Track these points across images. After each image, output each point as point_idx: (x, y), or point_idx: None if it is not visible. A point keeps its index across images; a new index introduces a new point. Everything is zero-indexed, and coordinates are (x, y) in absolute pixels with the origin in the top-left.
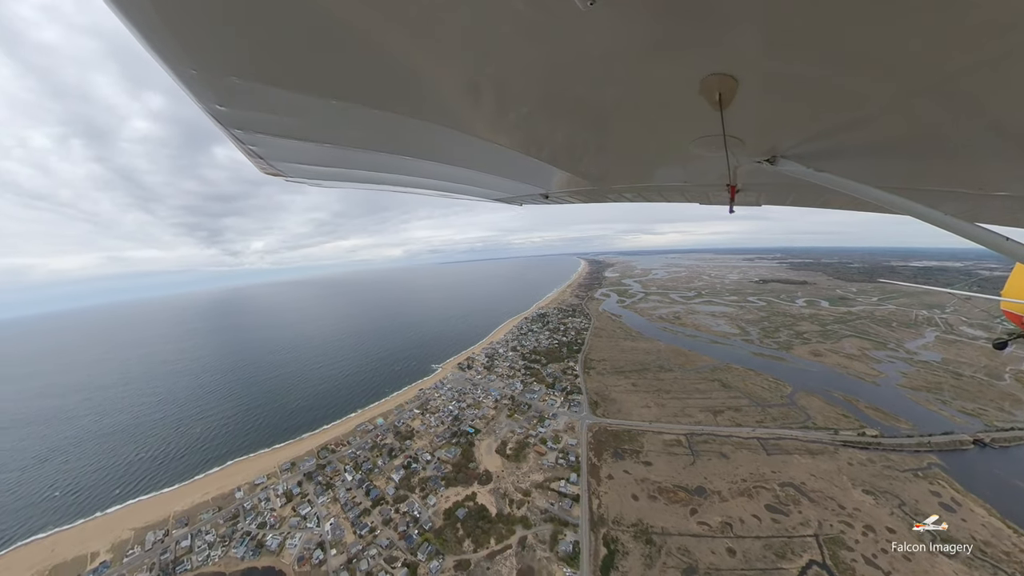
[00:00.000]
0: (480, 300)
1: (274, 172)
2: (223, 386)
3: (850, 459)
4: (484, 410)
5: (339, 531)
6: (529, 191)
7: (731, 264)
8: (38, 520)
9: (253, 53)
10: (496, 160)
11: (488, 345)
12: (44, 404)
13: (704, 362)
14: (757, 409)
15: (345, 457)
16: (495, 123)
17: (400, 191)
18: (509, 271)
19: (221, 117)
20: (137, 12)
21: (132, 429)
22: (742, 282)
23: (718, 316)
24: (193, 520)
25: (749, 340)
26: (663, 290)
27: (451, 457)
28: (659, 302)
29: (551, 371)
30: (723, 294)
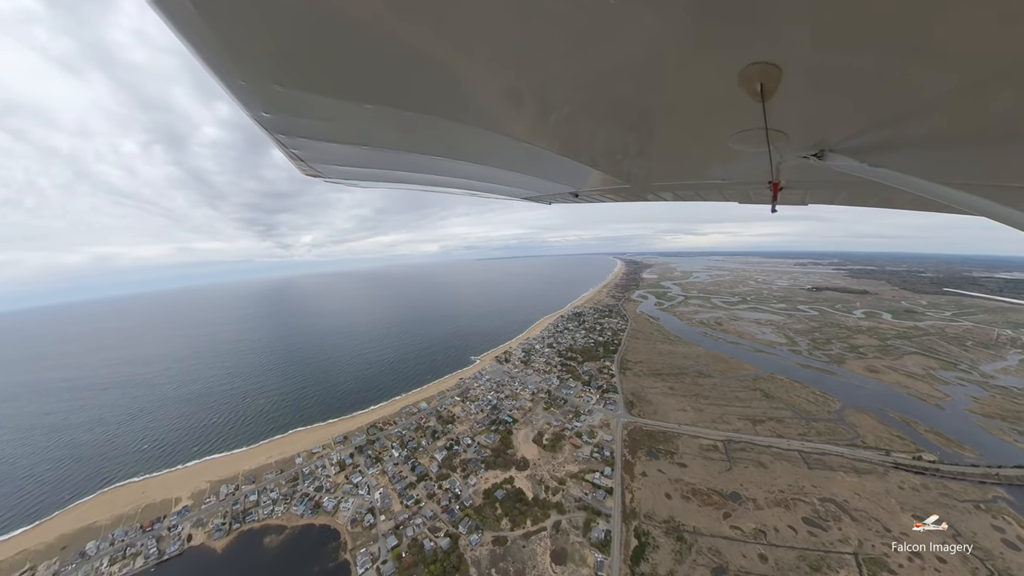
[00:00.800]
0: (515, 297)
1: (314, 173)
2: (281, 365)
3: (901, 483)
4: (521, 402)
5: (387, 500)
6: (559, 190)
7: (781, 269)
8: (132, 467)
9: (294, 63)
10: (526, 159)
11: (524, 341)
12: (133, 371)
13: (746, 370)
14: (801, 422)
15: (392, 435)
16: (526, 123)
17: (431, 190)
18: (544, 269)
19: (266, 123)
20: (194, 32)
21: (205, 397)
22: (792, 289)
23: (763, 324)
24: (259, 479)
25: (797, 351)
26: (704, 294)
27: (490, 443)
28: (700, 306)
29: (587, 369)
30: (770, 301)
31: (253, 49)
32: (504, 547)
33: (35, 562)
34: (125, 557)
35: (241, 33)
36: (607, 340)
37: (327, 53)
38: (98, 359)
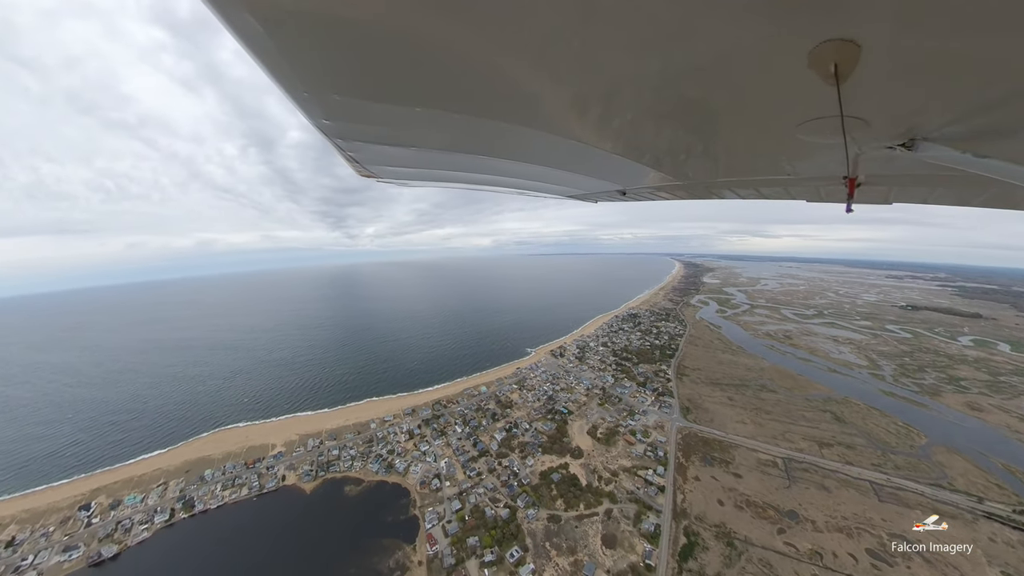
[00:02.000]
0: (568, 294)
1: (368, 174)
2: (353, 342)
3: (993, 534)
4: (576, 395)
5: (452, 469)
6: (606, 188)
7: (869, 281)
8: (236, 415)
9: (350, 74)
10: (573, 157)
11: (579, 337)
12: (232, 336)
13: (816, 390)
14: (875, 452)
15: (455, 413)
16: (574, 121)
17: (478, 189)
18: (597, 268)
19: (327, 129)
20: (264, 52)
21: (291, 363)
22: (881, 305)
23: (842, 342)
24: (340, 437)
25: (879, 376)
26: (773, 304)
27: (547, 430)
28: (767, 317)
29: (642, 371)
30: (852, 317)
31: (314, 64)
32: (558, 524)
33: (167, 479)
34: (234, 486)
35: (303, 50)
36: (663, 344)
37: (380, 64)
38: (205, 325)
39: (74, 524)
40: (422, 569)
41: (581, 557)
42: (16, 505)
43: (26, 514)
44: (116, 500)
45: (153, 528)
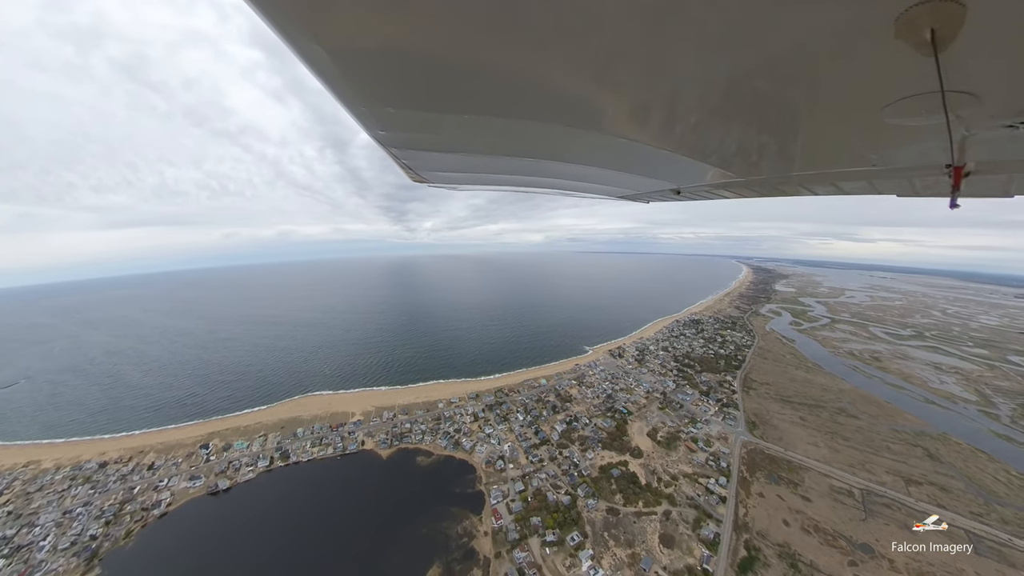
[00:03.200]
0: (625, 295)
1: (420, 179)
2: (417, 327)
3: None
4: (636, 397)
5: (515, 453)
6: (658, 187)
7: (991, 300)
8: (320, 383)
9: (402, 89)
10: (624, 156)
11: (638, 339)
12: (313, 316)
13: (907, 421)
14: (978, 500)
15: (516, 401)
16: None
17: (525, 191)
18: (655, 268)
19: (382, 139)
20: (328, 74)
21: (364, 342)
22: (1005, 331)
23: (946, 370)
24: (411, 412)
25: (992, 415)
26: (861, 320)
27: (607, 427)
28: (851, 334)
29: (705, 380)
30: (963, 342)
31: (370, 82)
32: (616, 517)
33: (267, 432)
34: (321, 444)
35: (361, 71)
36: (729, 354)
37: (429, 78)
38: (289, 305)
39: (196, 459)
40: (488, 539)
41: (639, 551)
42: (153, 438)
43: (161, 446)
44: (227, 444)
45: (256, 470)
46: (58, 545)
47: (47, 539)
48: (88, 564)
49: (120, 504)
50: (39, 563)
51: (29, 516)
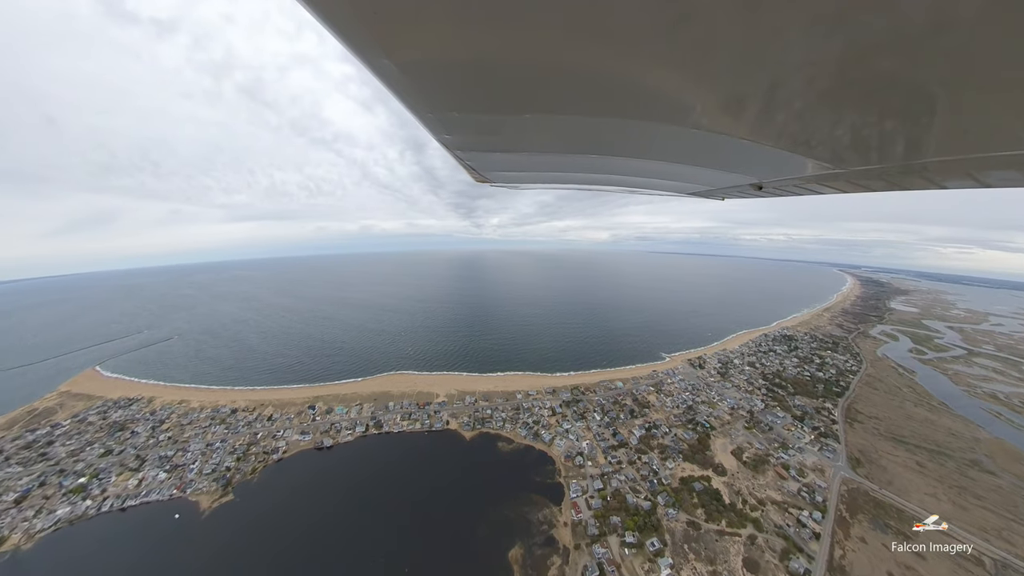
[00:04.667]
0: (704, 301)
1: (483, 179)
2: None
3: None
4: (719, 412)
5: (593, 451)
6: (736, 182)
7: None
8: (406, 363)
9: (466, 94)
10: (698, 149)
11: (721, 351)
12: (394, 303)
13: None
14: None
15: (593, 401)
16: (707, 110)
17: (588, 189)
18: (737, 273)
19: (447, 143)
20: (398, 85)
21: (443, 329)
22: None
23: None
24: (491, 400)
25: None
26: (1012, 355)
27: (688, 438)
28: (996, 372)
29: (799, 404)
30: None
31: (436, 90)
32: (697, 532)
33: (362, 402)
34: (409, 419)
35: (428, 81)
36: (829, 378)
37: (493, 82)
38: (373, 291)
39: (305, 417)
40: (567, 530)
41: (720, 570)
42: (271, 394)
43: (277, 402)
44: (329, 408)
45: (354, 435)
46: (203, 470)
47: (195, 464)
48: (224, 489)
49: (247, 445)
50: (189, 481)
51: (182, 443)
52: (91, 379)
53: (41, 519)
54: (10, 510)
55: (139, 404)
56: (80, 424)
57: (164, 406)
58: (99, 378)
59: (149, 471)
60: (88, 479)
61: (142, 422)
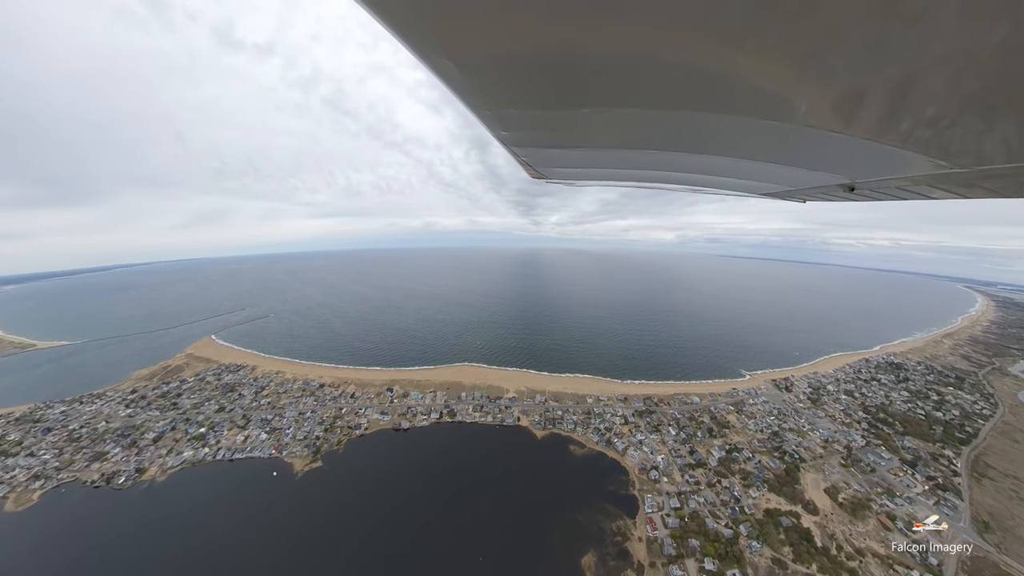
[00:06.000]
0: (790, 314)
1: (539, 176)
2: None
3: None
4: (809, 443)
5: (668, 467)
6: (822, 181)
7: None
8: (474, 357)
9: (524, 90)
10: (776, 144)
11: (811, 374)
12: (460, 296)
13: None
14: None
15: (667, 415)
16: (793, 99)
17: (649, 187)
18: (830, 285)
19: (504, 139)
20: (457, 84)
21: (509, 326)
22: None
23: None
24: (561, 401)
25: None
26: None
27: (773, 467)
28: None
29: (910, 447)
30: None
31: (494, 87)
32: (784, 572)
33: (436, 389)
34: (481, 411)
35: (486, 79)
36: (950, 420)
37: (553, 76)
38: (439, 284)
39: (384, 398)
40: (642, 545)
41: None
42: (353, 374)
43: (359, 381)
44: (405, 392)
45: (429, 420)
46: (296, 436)
47: (290, 429)
48: (314, 456)
49: (333, 418)
50: (285, 444)
51: (279, 409)
52: (208, 345)
53: (171, 458)
54: (149, 447)
55: (245, 371)
56: (200, 382)
57: (264, 375)
58: (214, 345)
59: (253, 430)
60: (207, 430)
61: (247, 386)
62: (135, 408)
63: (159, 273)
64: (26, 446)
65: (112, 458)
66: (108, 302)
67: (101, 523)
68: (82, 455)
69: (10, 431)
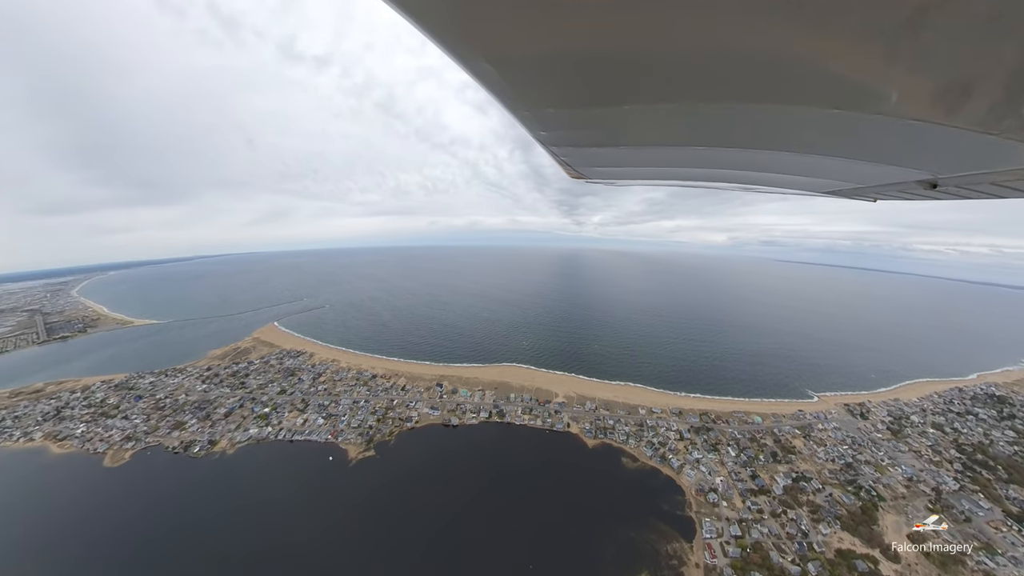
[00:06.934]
0: (865, 331)
1: (578, 176)
2: (601, 322)
3: None
4: (889, 479)
5: (728, 491)
6: (895, 177)
7: None
8: (522, 358)
9: (562, 91)
10: (842, 135)
11: (891, 401)
12: (504, 295)
13: None
14: None
15: (726, 433)
16: (865, 83)
17: (695, 185)
18: (913, 298)
19: (543, 139)
20: (495, 85)
21: (556, 328)
22: None
23: None
24: (612, 409)
25: None
26: None
27: (847, 503)
28: None
29: (1016, 497)
30: None
31: (532, 88)
32: None
33: (484, 388)
34: (530, 414)
35: (524, 79)
36: None
37: (592, 74)
38: (483, 282)
39: (433, 393)
40: (699, 572)
41: None
42: (403, 367)
43: (409, 374)
44: (454, 388)
45: (478, 419)
46: (351, 423)
47: (344, 416)
48: (367, 445)
49: (385, 409)
50: (340, 431)
51: (334, 396)
52: (272, 331)
53: (239, 433)
54: (221, 421)
55: (303, 356)
56: (265, 364)
57: (321, 362)
58: (277, 331)
59: (311, 414)
60: (270, 410)
61: (306, 372)
62: (209, 384)
63: (230, 263)
64: (122, 410)
65: (189, 428)
66: (189, 288)
67: (180, 487)
68: (165, 423)
69: (110, 395)
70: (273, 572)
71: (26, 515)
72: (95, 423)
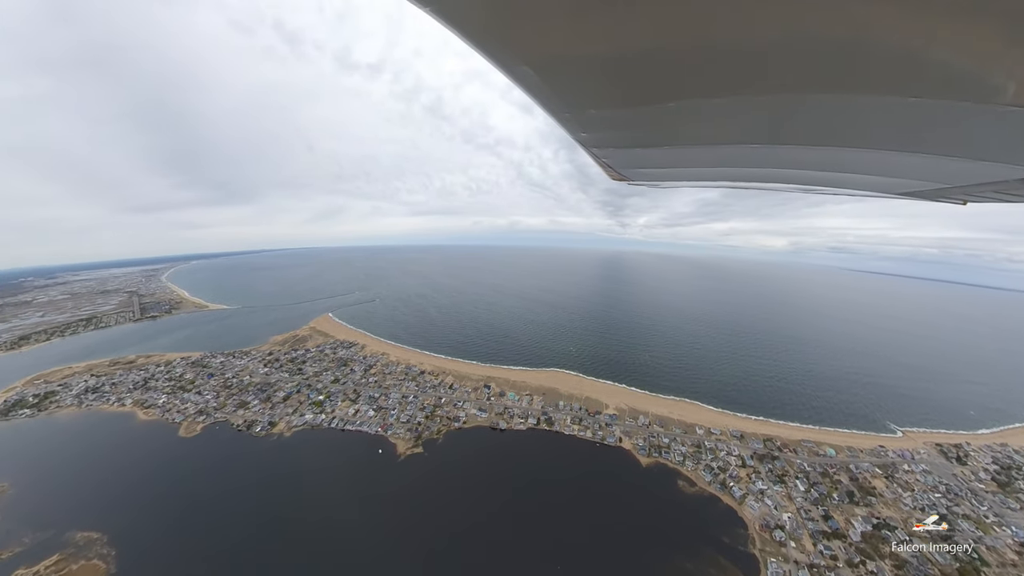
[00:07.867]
0: (964, 359)
1: (620, 177)
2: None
3: None
4: (995, 541)
5: (797, 530)
6: (990, 175)
7: None
8: (569, 364)
9: (604, 90)
10: (926, 127)
11: (997, 445)
12: (547, 297)
13: None
14: None
15: (794, 464)
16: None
17: (745, 186)
18: (1014, 319)
19: (584, 141)
20: (536, 89)
21: (604, 335)
22: None
23: None
24: (667, 426)
25: None
26: None
27: (942, 564)
28: None
29: None
30: None
31: (572, 90)
32: None
33: (532, 393)
34: (580, 425)
35: (564, 82)
36: None
37: (634, 74)
38: (526, 283)
39: (481, 394)
40: None
41: None
42: (450, 364)
43: (456, 373)
44: (502, 391)
45: (526, 424)
46: (400, 418)
47: (394, 410)
48: (416, 441)
49: (433, 406)
50: (390, 424)
51: (385, 389)
52: (327, 321)
53: (295, 418)
54: (279, 404)
55: (355, 348)
56: (320, 353)
57: (372, 354)
58: (331, 322)
59: (362, 405)
60: (324, 398)
61: (358, 363)
62: (270, 368)
63: (290, 257)
64: (196, 385)
65: (252, 408)
66: (255, 278)
67: (243, 462)
68: (232, 401)
69: (187, 371)
70: (322, 554)
71: (118, 473)
72: (174, 395)
